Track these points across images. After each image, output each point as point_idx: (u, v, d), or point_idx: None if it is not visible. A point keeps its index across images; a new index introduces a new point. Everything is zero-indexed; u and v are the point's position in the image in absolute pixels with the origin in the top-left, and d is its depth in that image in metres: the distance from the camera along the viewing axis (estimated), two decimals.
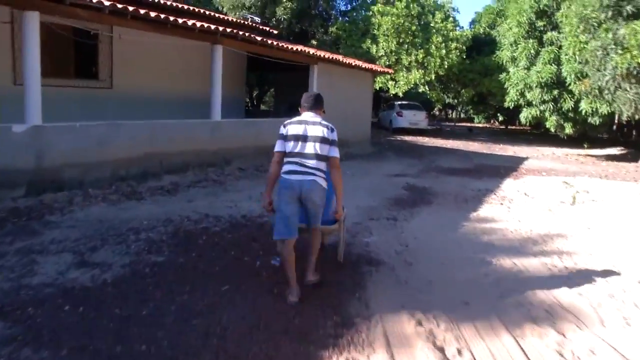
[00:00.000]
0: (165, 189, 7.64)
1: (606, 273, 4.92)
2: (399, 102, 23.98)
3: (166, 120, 8.67)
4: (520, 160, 15.82)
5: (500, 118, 42.88)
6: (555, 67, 15.54)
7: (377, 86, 21.59)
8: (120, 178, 7.65)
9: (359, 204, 7.43)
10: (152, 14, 7.72)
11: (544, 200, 8.68)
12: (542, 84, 15.85)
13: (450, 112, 53.58)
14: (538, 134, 31.56)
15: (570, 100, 15.67)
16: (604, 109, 14.94)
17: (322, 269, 4.31)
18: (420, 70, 20.33)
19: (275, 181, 3.91)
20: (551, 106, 16.29)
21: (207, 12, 12.68)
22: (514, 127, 38.56)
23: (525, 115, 17.73)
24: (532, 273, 4.82)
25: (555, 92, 15.88)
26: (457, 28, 22.90)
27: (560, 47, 15.61)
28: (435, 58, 20.04)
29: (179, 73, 11.34)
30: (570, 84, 15.27)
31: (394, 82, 21.38)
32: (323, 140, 3.75)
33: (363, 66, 13.77)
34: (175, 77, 11.28)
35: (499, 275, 4.70)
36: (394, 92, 21.94)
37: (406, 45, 20.43)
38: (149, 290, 3.90)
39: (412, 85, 20.90)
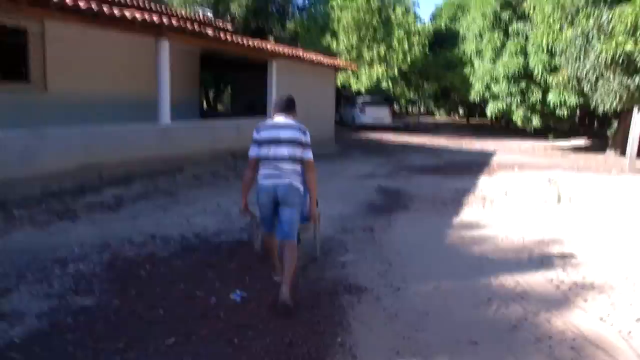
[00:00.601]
0: (106, 205, 6.61)
1: (622, 288, 4.27)
2: (362, 98, 23.34)
3: (106, 125, 7.59)
4: (489, 155, 15.38)
5: (462, 112, 43.11)
6: (522, 58, 15.17)
7: (338, 83, 20.87)
8: (52, 194, 6.58)
9: (329, 212, 6.60)
10: (82, 4, 6.67)
11: (526, 199, 8.09)
12: (509, 77, 15.47)
13: (411, 107, 53.60)
14: (501, 127, 31.62)
15: (538, 92, 15.34)
16: (572, 101, 14.66)
17: (297, 295, 3.77)
18: (382, 65, 19.72)
19: (249, 186, 3.99)
20: (518, 99, 15.94)
21: (153, 5, 11.59)
22: (475, 121, 38.70)
23: (491, 108, 17.37)
24: (539, 293, 4.11)
25: (523, 84, 15.52)
26: (418, 22, 22.41)
27: (527, 38, 15.24)
28: (398, 52, 19.47)
29: (124, 73, 10.22)
30: (538, 76, 14.91)
31: (356, 78, 20.71)
32: (296, 143, 3.75)
33: (325, 62, 12.99)
34: (120, 78, 10.14)
35: (502, 298, 3.97)
36: (356, 89, 21.28)
37: (367, 40, 19.79)
38: (69, 352, 2.96)
39: (374, 81, 20.26)
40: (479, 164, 12.86)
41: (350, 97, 26.41)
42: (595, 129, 24.17)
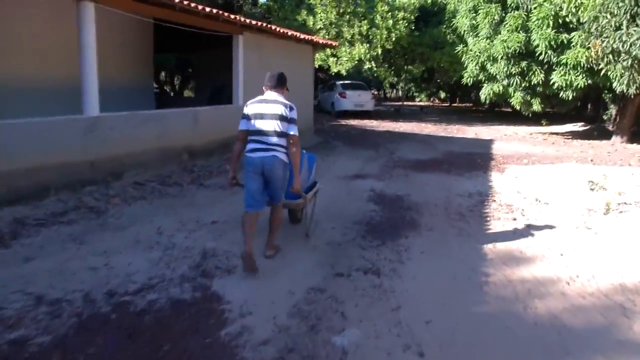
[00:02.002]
0: None
1: None
2: (341, 82, 21.38)
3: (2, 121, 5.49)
4: (487, 144, 13.69)
5: (443, 95, 41.54)
6: (524, 35, 13.38)
7: (315, 64, 18.85)
8: None
9: (313, 240, 4.77)
10: None
11: (564, 208, 6.34)
12: (508, 55, 13.67)
13: (390, 91, 51.80)
14: (487, 111, 30.11)
15: (540, 73, 13.61)
16: (579, 82, 12.98)
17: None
18: (365, 44, 17.75)
19: (238, 158, 4.17)
20: (518, 80, 14.18)
21: None
22: (457, 105, 37.18)
23: (486, 91, 15.57)
24: None
25: (523, 64, 13.76)
26: None
27: (529, 12, 13.44)
28: (382, 30, 17.52)
29: (41, 50, 8.02)
30: (542, 54, 13.16)
31: (336, 59, 18.73)
32: (282, 118, 3.94)
33: (301, 37, 10.98)
34: (34, 56, 7.96)
35: None
36: (335, 71, 19.28)
37: (347, 16, 17.77)
38: None
39: (356, 62, 18.30)
40: (481, 155, 11.13)
41: (328, 81, 24.42)
42: (588, 113, 22.75)
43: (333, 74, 20.07)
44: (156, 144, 7.30)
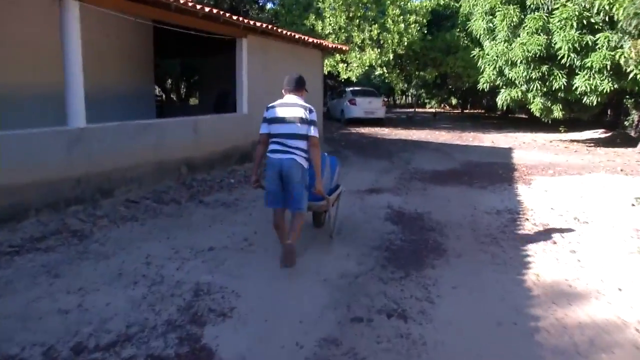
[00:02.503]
0: None
1: None
2: (351, 89, 20.72)
3: None
4: (506, 153, 12.95)
5: (454, 102, 40.75)
6: (544, 37, 12.67)
7: (325, 70, 18.24)
8: None
9: (323, 268, 4.11)
10: None
11: (609, 228, 5.62)
12: (529, 59, 12.95)
13: (400, 97, 51.13)
14: (501, 117, 29.35)
15: (561, 77, 12.87)
16: (605, 86, 12.24)
17: None
18: (375, 49, 17.11)
19: (260, 161, 4.23)
20: (538, 85, 13.44)
21: None
22: (469, 111, 36.39)
23: (503, 97, 14.84)
24: None
25: (544, 68, 13.02)
26: None
27: (550, 12, 12.71)
28: (393, 34, 16.87)
29: (24, 53, 7.42)
30: (564, 57, 12.44)
31: (345, 65, 18.10)
32: (302, 121, 3.97)
33: (309, 41, 10.36)
34: (24, 63, 7.38)
35: None
36: (345, 77, 18.65)
37: (358, 20, 17.15)
38: None
39: (366, 67, 17.65)
40: (502, 166, 10.41)
41: (338, 88, 23.82)
42: (608, 120, 21.89)
43: (342, 80, 19.44)
44: (151, 157, 6.67)
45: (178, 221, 5.56)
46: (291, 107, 4.02)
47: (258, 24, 8.44)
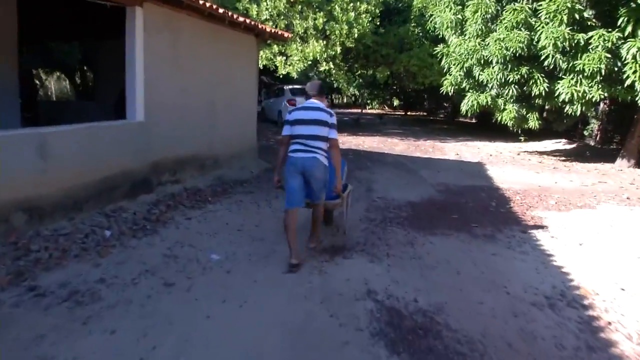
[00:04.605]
0: None
1: None
2: (291, 87, 17.94)
3: None
4: (480, 171, 10.73)
5: (396, 103, 38.99)
6: (526, 33, 10.52)
7: (260, 64, 15.37)
8: None
9: None
10: None
11: None
12: (506, 59, 10.78)
13: (337, 97, 48.90)
14: (447, 122, 27.72)
15: (543, 81, 10.81)
16: (594, 94, 10.30)
17: None
18: (321, 41, 14.44)
19: (283, 161, 4.35)
20: (514, 89, 11.33)
21: None
22: (412, 114, 34.68)
23: (469, 102, 12.62)
24: None
25: (524, 69, 10.90)
26: None
27: (533, 3, 10.57)
28: (341, 24, 14.27)
29: None
30: (547, 58, 10.38)
31: (284, 58, 15.31)
32: (323, 124, 4.18)
33: (240, 20, 7.49)
34: None
35: None
36: (283, 72, 15.84)
37: (300, 6, 14.41)
38: None
39: (309, 62, 14.95)
40: (490, 193, 8.13)
41: (275, 85, 21.01)
42: (565, 129, 20.52)
43: (281, 76, 16.62)
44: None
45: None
46: (314, 110, 4.23)
47: None
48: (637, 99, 9.99)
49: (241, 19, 7.39)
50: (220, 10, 6.63)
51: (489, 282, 4.16)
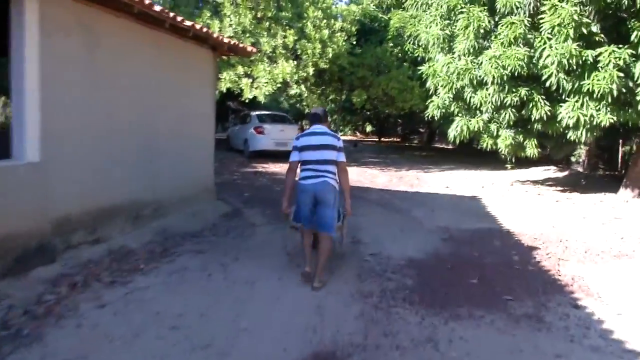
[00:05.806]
0: None
1: None
2: (258, 113, 16.26)
3: None
4: (480, 209, 9.25)
5: (369, 129, 37.82)
6: (525, 50, 9.20)
7: (223, 87, 13.70)
8: None
9: None
10: None
11: None
12: (504, 79, 9.42)
13: (306, 123, 47.60)
14: (423, 148, 26.51)
15: (544, 104, 9.49)
16: (602, 118, 9.04)
17: None
18: (291, 61, 12.91)
19: (292, 187, 4.48)
20: (510, 113, 9.97)
21: None
22: (387, 139, 33.48)
23: (458, 128, 11.20)
24: None
25: (523, 91, 9.56)
26: (340, 1, 15.97)
27: (534, 16, 9.27)
28: (314, 42, 12.79)
29: None
30: (550, 77, 9.07)
31: (251, 81, 13.68)
32: (331, 148, 4.33)
33: (187, 25, 5.82)
34: None
35: None
36: (249, 97, 14.18)
37: (268, 22, 12.89)
38: None
39: (278, 84, 13.36)
40: (504, 241, 6.58)
41: (241, 111, 19.36)
42: (548, 154, 19.50)
43: (247, 101, 14.97)
44: None
45: None
46: (321, 135, 4.36)
47: None
48: None
49: (188, 23, 5.71)
50: (157, 8, 4.93)
51: None
